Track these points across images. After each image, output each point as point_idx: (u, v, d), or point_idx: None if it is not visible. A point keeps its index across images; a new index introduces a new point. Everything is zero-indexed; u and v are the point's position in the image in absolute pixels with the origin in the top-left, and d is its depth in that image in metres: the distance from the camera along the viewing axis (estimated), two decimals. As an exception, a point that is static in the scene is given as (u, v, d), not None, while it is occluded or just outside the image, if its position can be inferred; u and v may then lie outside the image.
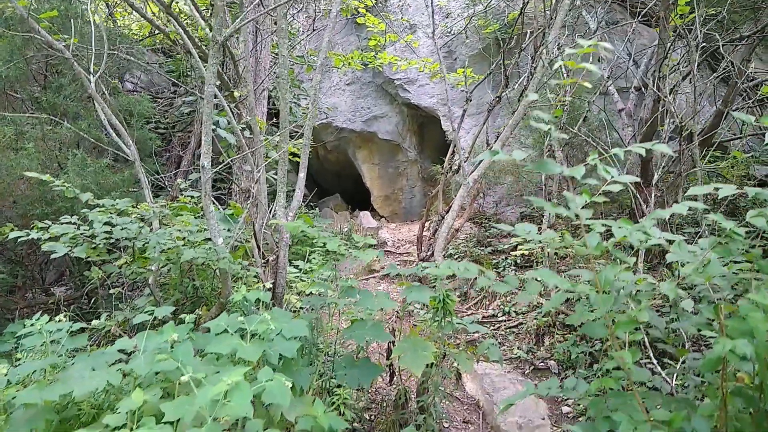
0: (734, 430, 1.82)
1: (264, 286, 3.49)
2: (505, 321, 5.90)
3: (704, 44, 6.04)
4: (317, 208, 10.84)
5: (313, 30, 9.79)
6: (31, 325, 3.01)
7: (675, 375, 3.05)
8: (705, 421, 1.82)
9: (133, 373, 2.83)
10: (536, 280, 2.11)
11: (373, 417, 4.21)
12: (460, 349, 3.87)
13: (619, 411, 1.97)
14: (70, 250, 3.67)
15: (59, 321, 3.04)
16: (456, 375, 4.11)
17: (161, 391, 2.68)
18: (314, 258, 6.34)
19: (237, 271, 3.81)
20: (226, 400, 2.37)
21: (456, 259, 7.11)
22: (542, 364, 4.99)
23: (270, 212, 4.63)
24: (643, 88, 6.96)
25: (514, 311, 6.02)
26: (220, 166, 4.71)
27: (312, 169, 12.59)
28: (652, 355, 3.79)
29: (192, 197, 4.77)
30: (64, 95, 6.52)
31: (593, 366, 4.30)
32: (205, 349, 2.98)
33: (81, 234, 3.87)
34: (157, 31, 7.50)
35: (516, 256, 6.73)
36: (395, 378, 4.35)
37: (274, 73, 7.91)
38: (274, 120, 8.62)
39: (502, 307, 6.14)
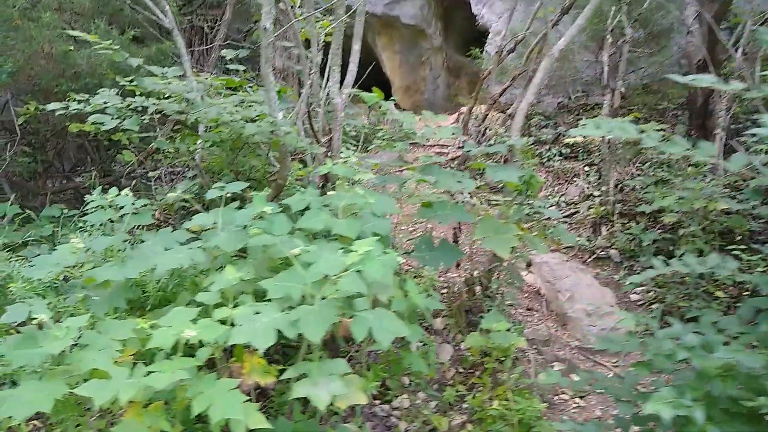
0: None
1: (340, 161, 3.17)
2: (554, 211, 5.69)
3: None
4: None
5: None
6: (97, 198, 2.72)
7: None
8: None
9: (216, 251, 2.59)
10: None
11: (436, 303, 4.07)
12: (534, 233, 3.65)
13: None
14: (120, 123, 3.32)
15: (125, 195, 2.75)
16: (526, 262, 3.92)
17: (253, 270, 2.44)
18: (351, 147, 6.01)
19: (303, 148, 3.49)
20: (336, 276, 2.15)
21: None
22: (602, 252, 4.83)
23: (323, 90, 4.24)
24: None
25: (564, 202, 5.80)
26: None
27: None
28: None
29: (238, 71, 4.34)
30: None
31: (674, 253, 4.12)
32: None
33: (127, 106, 3.51)
34: None
35: (565, 144, 6.41)
36: (460, 265, 4.20)
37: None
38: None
39: (550, 197, 5.91)
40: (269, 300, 2.20)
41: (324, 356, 2.29)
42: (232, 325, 2.07)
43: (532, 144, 6.80)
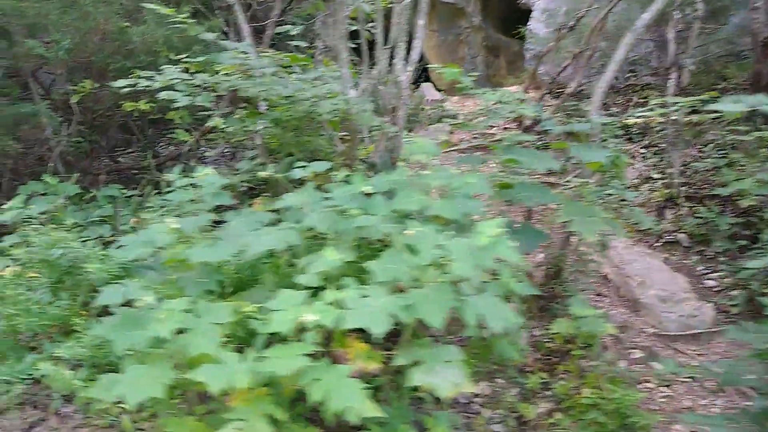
0: None
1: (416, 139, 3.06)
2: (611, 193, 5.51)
3: None
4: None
5: None
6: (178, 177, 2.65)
7: None
8: None
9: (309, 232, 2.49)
10: None
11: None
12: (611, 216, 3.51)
13: None
14: (192, 100, 3.23)
15: (209, 174, 2.67)
16: (602, 246, 3.78)
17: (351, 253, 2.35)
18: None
19: (377, 127, 3.38)
20: (448, 259, 2.04)
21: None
22: (670, 237, 4.66)
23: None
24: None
25: (621, 184, 5.61)
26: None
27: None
28: None
29: (299, 47, 4.21)
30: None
31: (756, 238, 3.94)
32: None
33: (191, 83, 3.42)
34: None
35: (620, 126, 6.21)
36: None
37: None
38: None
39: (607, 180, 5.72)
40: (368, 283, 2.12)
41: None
42: (340, 308, 1.98)
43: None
